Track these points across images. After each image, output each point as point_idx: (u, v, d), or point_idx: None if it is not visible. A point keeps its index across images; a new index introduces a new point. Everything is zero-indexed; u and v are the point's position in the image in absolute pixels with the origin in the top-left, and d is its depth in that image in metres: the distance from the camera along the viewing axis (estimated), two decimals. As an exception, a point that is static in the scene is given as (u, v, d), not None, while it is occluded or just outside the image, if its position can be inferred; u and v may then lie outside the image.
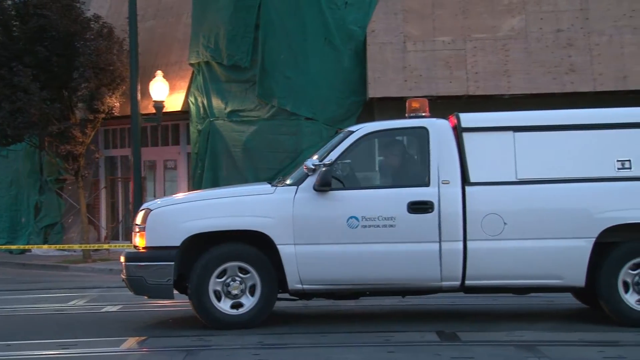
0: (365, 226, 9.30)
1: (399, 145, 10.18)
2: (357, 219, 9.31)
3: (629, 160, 9.42)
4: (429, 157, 9.46)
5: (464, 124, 9.64)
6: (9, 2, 22.09)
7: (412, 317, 10.70)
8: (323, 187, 9.40)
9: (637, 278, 9.34)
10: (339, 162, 9.59)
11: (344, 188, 9.56)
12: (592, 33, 18.77)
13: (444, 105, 13.93)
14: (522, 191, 9.43)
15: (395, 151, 10.07)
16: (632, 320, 9.28)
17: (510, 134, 9.58)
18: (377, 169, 10.18)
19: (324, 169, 9.36)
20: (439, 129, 9.66)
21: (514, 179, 9.44)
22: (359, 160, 9.97)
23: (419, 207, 9.23)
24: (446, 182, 9.40)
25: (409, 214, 9.25)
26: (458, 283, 9.42)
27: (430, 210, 9.21)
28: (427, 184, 9.34)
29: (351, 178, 9.82)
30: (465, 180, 9.41)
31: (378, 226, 9.27)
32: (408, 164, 10.03)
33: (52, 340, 9.23)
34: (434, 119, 9.76)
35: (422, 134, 9.62)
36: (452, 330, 9.28)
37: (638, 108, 10.31)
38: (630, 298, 9.35)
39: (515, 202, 9.40)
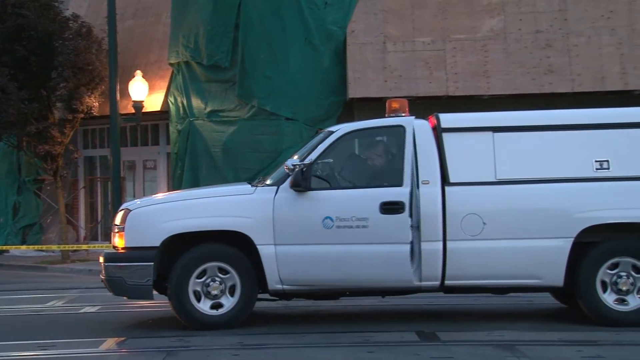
0: (339, 227, 9.30)
1: (376, 145, 10.10)
2: (331, 219, 9.32)
3: (607, 161, 9.47)
4: (403, 157, 9.42)
5: (443, 125, 9.66)
6: (-13, 2, 22.00)
7: (392, 317, 10.72)
8: (295, 187, 9.40)
9: (615, 278, 9.39)
10: (319, 162, 9.60)
11: (320, 188, 9.52)
12: (571, 34, 18.86)
13: (424, 106, 13.94)
14: (501, 191, 9.46)
15: (373, 151, 10.03)
16: (610, 319, 9.34)
17: (489, 134, 9.61)
18: (355, 169, 10.08)
19: (296, 169, 9.38)
20: (419, 128, 9.66)
21: (493, 179, 9.47)
22: (338, 160, 9.94)
23: (391, 208, 9.19)
24: (426, 182, 9.41)
25: (381, 215, 9.22)
26: (438, 283, 9.43)
27: (401, 210, 9.18)
28: (400, 184, 9.30)
29: (331, 178, 9.80)
30: (445, 181, 9.43)
31: (352, 227, 9.26)
32: (383, 164, 9.95)
33: (30, 341, 9.19)
34: (411, 118, 9.70)
35: (399, 133, 9.57)
36: (431, 330, 9.31)
37: (616, 109, 10.40)
38: (608, 297, 9.41)
39: (494, 202, 9.43)
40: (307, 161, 9.45)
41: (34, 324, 10.83)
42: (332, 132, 9.84)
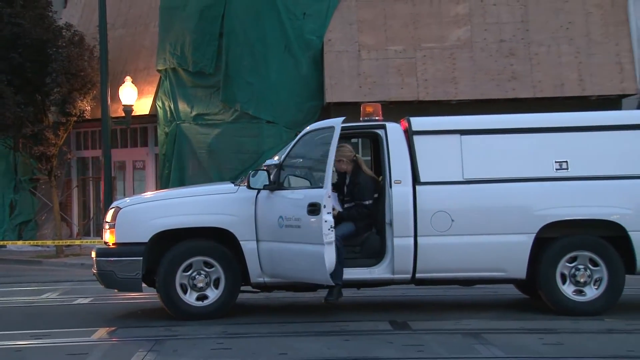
0: (286, 226, 9.09)
1: (317, 145, 9.48)
2: (282, 218, 9.18)
3: (566, 162, 9.51)
4: (327, 159, 8.96)
5: (414, 128, 9.65)
6: (-16, 11, 21.84)
7: (367, 307, 10.72)
8: (251, 187, 9.37)
9: (573, 270, 9.44)
10: (287, 161, 9.46)
11: (281, 188, 9.31)
12: (532, 43, 18.96)
13: (396, 110, 13.96)
14: (468, 190, 9.47)
15: (319, 151, 9.45)
16: (569, 309, 9.40)
17: (457, 136, 9.62)
18: (308, 168, 9.86)
19: (264, 169, 9.35)
20: (391, 131, 9.62)
21: (461, 179, 9.48)
22: (306, 158, 9.69)
23: (313, 209, 8.76)
24: (398, 182, 9.40)
25: (309, 216, 8.81)
26: (409, 276, 9.43)
27: (318, 212, 8.70)
28: (322, 186, 8.89)
29: (300, 176, 9.71)
30: (415, 180, 9.42)
31: (293, 226, 9.03)
32: (314, 164, 9.53)
33: (25, 331, 9.13)
34: (339, 119, 9.14)
35: (330, 133, 9.03)
36: (403, 320, 9.31)
37: (574, 113, 10.45)
38: (567, 289, 9.46)
39: (462, 200, 9.43)
40: (277, 162, 9.45)
41: (29, 314, 10.75)
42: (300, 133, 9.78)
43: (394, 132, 9.65)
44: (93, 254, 9.88)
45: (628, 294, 10.02)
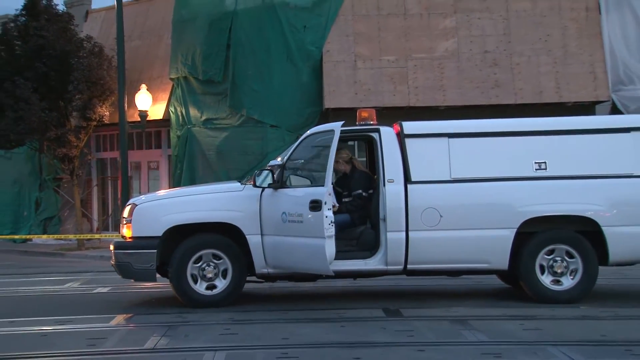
0: (289, 221, 9.07)
1: (323, 148, 9.34)
2: (285, 214, 9.15)
3: (545, 162, 9.51)
4: (327, 159, 8.93)
5: (406, 131, 9.64)
6: (12, 25, 21.84)
7: (362, 296, 10.70)
8: (256, 185, 9.34)
9: (551, 262, 9.45)
10: (289, 162, 9.44)
11: (283, 186, 9.28)
12: (514, 54, 18.94)
13: (389, 115, 13.94)
14: (455, 188, 9.46)
15: (319, 152, 9.47)
16: (547, 297, 9.41)
17: (445, 139, 9.61)
18: (309, 168, 9.82)
19: (268, 169, 9.33)
20: (385, 134, 9.62)
21: (449, 178, 9.47)
22: (307, 159, 9.63)
23: (315, 206, 8.77)
24: (391, 181, 9.39)
25: (310, 212, 8.78)
26: (401, 267, 9.43)
27: (319, 208, 8.71)
28: (323, 185, 8.87)
29: (301, 176, 9.64)
30: (407, 179, 9.42)
31: (295, 221, 9.01)
32: (316, 165, 9.49)
33: (50, 317, 9.12)
34: (339, 123, 9.13)
35: (330, 136, 9.04)
36: (396, 308, 9.31)
37: (552, 118, 10.42)
38: (545, 279, 9.46)
39: (449, 198, 9.43)
40: (280, 162, 9.43)
41: (53, 302, 10.74)
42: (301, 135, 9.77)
43: (387, 135, 9.65)
44: (111, 247, 9.86)
45: (601, 283, 10.02)
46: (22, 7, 21.75)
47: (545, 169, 9.49)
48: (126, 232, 9.67)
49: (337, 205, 9.75)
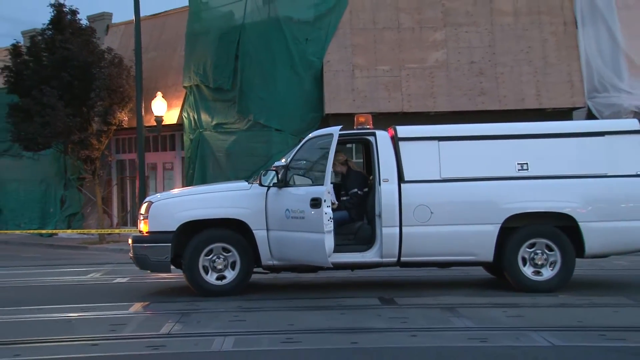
0: (292, 217, 9.04)
1: (323, 150, 9.33)
2: (288, 211, 9.14)
3: (527, 163, 9.51)
4: (326, 160, 8.92)
5: (400, 135, 9.65)
6: (39, 38, 21.85)
7: (359, 286, 10.69)
8: (262, 185, 9.32)
9: (532, 254, 9.46)
10: (293, 163, 9.43)
11: (287, 185, 9.25)
12: (498, 64, 18.92)
13: (384, 120, 13.88)
14: (444, 187, 9.45)
15: (319, 154, 9.43)
16: (528, 287, 9.41)
17: (435, 142, 9.61)
18: (310, 168, 9.79)
19: (273, 170, 9.31)
20: (380, 137, 9.61)
21: (439, 178, 9.46)
22: (308, 160, 9.60)
23: (315, 203, 8.77)
24: (386, 180, 9.39)
25: (311, 209, 8.80)
26: (395, 259, 9.43)
27: (319, 205, 8.71)
28: (322, 184, 8.87)
29: (303, 175, 9.53)
30: (401, 179, 9.41)
31: (298, 217, 8.99)
32: (311, 166, 9.48)
33: (74, 305, 9.14)
34: (336, 128, 9.15)
35: (330, 139, 9.04)
36: (390, 296, 9.31)
37: (533, 123, 10.44)
38: (527, 270, 9.47)
39: (439, 196, 9.41)
40: (284, 163, 9.42)
41: (77, 291, 10.75)
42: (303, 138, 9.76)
43: (382, 138, 9.64)
44: (130, 241, 9.87)
45: (578, 274, 10.01)
46: (49, 22, 21.76)
47: (527, 169, 9.48)
48: (143, 227, 9.66)
49: (337, 202, 9.75)
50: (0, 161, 26.44)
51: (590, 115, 18.53)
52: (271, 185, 9.32)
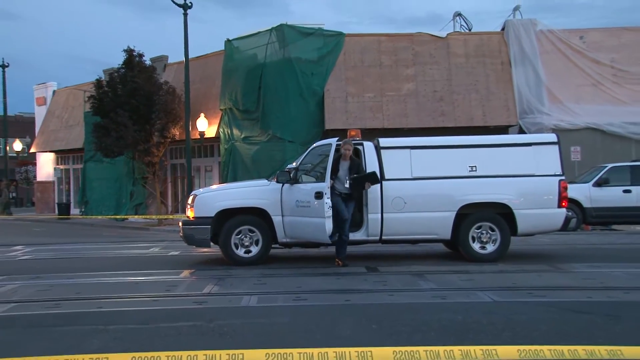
0: (300, 206, 8.95)
1: (324, 156, 9.11)
2: (298, 201, 9.02)
3: (475, 166, 9.45)
4: (326, 164, 8.76)
5: (381, 145, 9.60)
6: (115, 74, 21.87)
7: (351, 258, 10.56)
8: (278, 182, 9.21)
9: (479, 234, 9.43)
10: (301, 165, 9.31)
11: (297, 182, 9.09)
12: (454, 93, 18.91)
13: (370, 134, 13.81)
14: (415, 184, 9.40)
15: (321, 158, 9.23)
16: (476, 258, 9.37)
17: (408, 150, 9.56)
18: (314, 169, 9.68)
19: (286, 171, 9.21)
20: (367, 146, 9.54)
21: (410, 177, 9.41)
22: (313, 163, 9.35)
23: (319, 195, 8.67)
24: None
25: (315, 200, 8.70)
26: (378, 238, 9.39)
27: (321, 197, 8.61)
28: (324, 181, 8.75)
29: (309, 175, 9.40)
30: (382, 177, 9.35)
31: (305, 206, 8.88)
32: (316, 167, 9.27)
33: (140, 270, 9.11)
34: (334, 139, 9.02)
35: (329, 147, 8.85)
36: (374, 266, 9.25)
37: (479, 136, 10.26)
38: (475, 246, 9.43)
39: (411, 190, 9.37)
40: (294, 166, 9.36)
41: (142, 261, 10.71)
42: (310, 146, 9.60)
43: (368, 147, 9.60)
44: (180, 224, 9.82)
45: (513, 248, 9.96)
46: (122, 62, 21.80)
47: (476, 170, 9.43)
48: (190, 213, 9.62)
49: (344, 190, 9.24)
50: (87, 165, 26.55)
51: (521, 131, 18.54)
52: (285, 182, 9.26)
